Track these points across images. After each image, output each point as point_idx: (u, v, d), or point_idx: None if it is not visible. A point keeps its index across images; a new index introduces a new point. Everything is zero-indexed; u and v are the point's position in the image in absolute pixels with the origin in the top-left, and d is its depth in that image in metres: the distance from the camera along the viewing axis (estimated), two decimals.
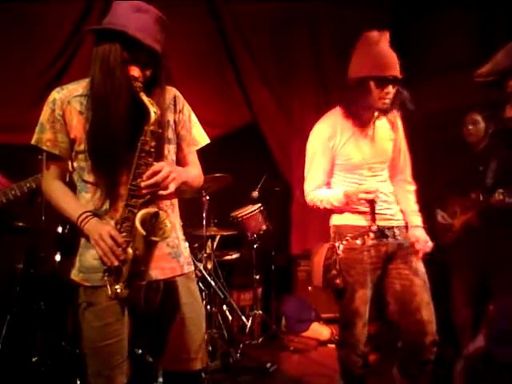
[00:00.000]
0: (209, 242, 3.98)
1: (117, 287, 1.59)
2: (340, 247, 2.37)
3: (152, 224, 1.60)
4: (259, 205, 4.17)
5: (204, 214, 3.79)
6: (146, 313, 1.74)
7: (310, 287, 4.63)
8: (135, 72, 1.62)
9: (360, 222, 2.39)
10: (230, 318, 4.15)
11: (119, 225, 1.62)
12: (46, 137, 1.70)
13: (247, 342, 4.05)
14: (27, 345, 3.08)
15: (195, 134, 1.91)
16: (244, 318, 4.14)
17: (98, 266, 1.64)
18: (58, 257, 3.30)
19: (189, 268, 1.86)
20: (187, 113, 1.88)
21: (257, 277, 4.31)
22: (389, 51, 2.27)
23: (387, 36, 2.29)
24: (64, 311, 3.22)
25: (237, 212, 4.15)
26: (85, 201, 1.71)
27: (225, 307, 4.10)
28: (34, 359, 2.99)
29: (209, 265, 3.86)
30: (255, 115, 4.98)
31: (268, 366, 3.56)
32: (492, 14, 4.11)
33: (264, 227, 4.15)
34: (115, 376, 1.69)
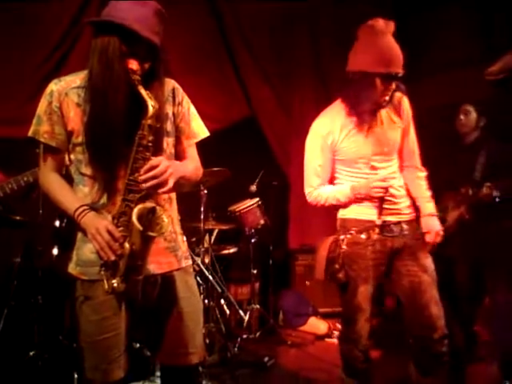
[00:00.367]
0: (206, 236, 3.98)
1: (113, 282, 1.59)
2: (344, 241, 2.34)
3: (149, 219, 1.59)
4: (257, 199, 4.17)
5: (202, 208, 3.79)
6: (144, 307, 1.74)
7: (308, 281, 4.64)
8: (133, 65, 1.61)
9: (366, 216, 2.33)
10: (228, 312, 4.16)
11: (116, 219, 1.61)
12: (43, 129, 1.69)
13: (245, 336, 4.05)
14: (24, 339, 3.08)
15: (194, 127, 1.89)
16: (242, 312, 4.14)
17: (95, 260, 1.63)
18: (56, 251, 3.31)
19: (186, 262, 1.85)
20: (186, 105, 1.86)
21: (254, 271, 4.31)
22: (395, 45, 2.20)
23: (392, 26, 2.23)
24: (61, 305, 3.22)
25: (235, 206, 4.15)
26: (82, 194, 1.70)
27: (222, 301, 4.10)
28: (32, 353, 3.00)
29: (206, 259, 3.86)
30: (254, 111, 4.98)
31: (265, 360, 3.57)
32: (491, 13, 4.12)
33: (262, 221, 4.15)
34: (112, 370, 1.69)
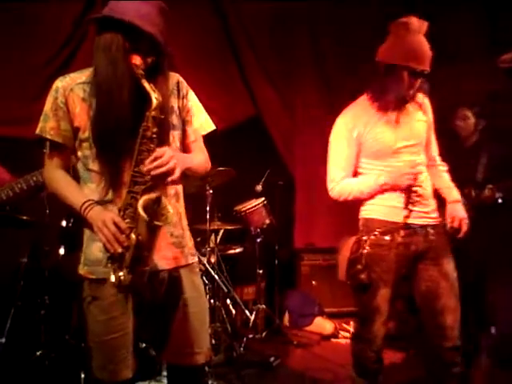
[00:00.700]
0: (212, 236, 3.98)
1: (120, 274, 1.58)
2: (367, 242, 2.28)
3: (154, 210, 1.59)
4: (263, 199, 4.17)
5: (207, 208, 3.79)
6: (151, 303, 1.74)
7: (314, 281, 4.63)
8: (137, 60, 1.62)
9: (390, 218, 2.28)
10: (234, 312, 4.15)
11: (122, 211, 1.61)
12: (50, 125, 1.69)
13: (251, 336, 4.05)
14: (31, 338, 3.09)
15: (200, 120, 1.88)
16: (247, 312, 4.14)
17: (103, 259, 1.63)
18: (62, 251, 3.30)
19: (192, 259, 1.85)
20: (192, 98, 1.86)
21: (260, 271, 4.31)
22: (426, 44, 2.21)
23: (426, 26, 2.22)
24: (68, 305, 3.22)
25: (240, 206, 4.15)
26: (89, 191, 1.70)
27: (228, 301, 4.10)
28: (39, 353, 3.01)
29: (212, 259, 3.86)
30: (259, 110, 4.97)
31: (271, 360, 3.57)
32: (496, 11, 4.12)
33: (267, 221, 4.15)
34: (120, 370, 1.69)
